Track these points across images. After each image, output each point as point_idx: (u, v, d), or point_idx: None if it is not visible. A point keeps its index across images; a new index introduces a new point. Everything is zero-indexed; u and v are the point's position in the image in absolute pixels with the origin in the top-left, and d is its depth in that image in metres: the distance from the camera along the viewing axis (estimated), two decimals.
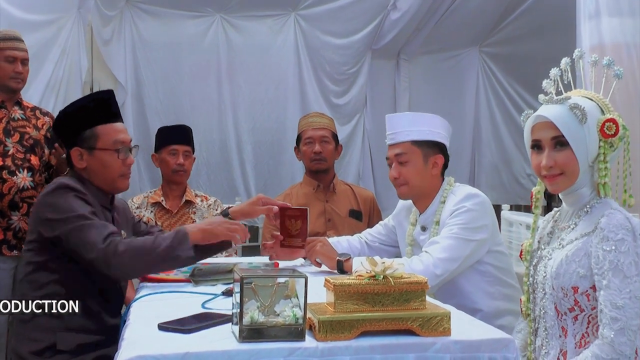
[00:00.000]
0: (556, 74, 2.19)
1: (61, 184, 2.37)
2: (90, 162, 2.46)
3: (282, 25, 5.29)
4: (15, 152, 3.38)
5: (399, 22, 5.24)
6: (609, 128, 2.03)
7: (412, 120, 2.82)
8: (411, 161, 2.76)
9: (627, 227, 1.96)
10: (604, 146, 2.04)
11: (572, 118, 2.05)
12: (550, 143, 2.08)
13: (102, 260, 2.22)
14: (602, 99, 2.09)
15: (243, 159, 5.21)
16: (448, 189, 2.79)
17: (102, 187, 2.50)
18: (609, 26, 3.74)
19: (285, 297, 1.67)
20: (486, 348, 1.69)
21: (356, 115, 5.47)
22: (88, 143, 2.46)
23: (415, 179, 2.76)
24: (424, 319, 1.69)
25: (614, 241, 1.95)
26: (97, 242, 2.23)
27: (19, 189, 3.34)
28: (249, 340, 1.62)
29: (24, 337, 2.33)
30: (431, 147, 2.79)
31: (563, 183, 2.11)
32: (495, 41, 5.78)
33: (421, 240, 2.81)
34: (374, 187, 5.40)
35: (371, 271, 1.74)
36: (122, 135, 2.52)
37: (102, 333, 2.35)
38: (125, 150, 2.51)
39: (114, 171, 2.48)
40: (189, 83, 5.13)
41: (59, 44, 4.40)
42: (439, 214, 2.75)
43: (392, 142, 2.80)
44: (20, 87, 3.48)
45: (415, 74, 5.68)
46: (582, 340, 2.02)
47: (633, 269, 1.93)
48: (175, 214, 3.81)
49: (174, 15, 5.07)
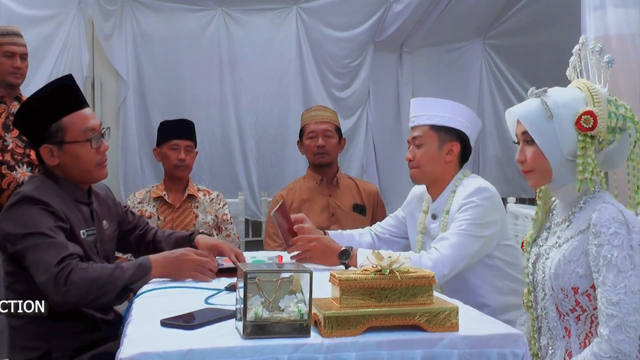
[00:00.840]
0: (574, 60, 2.16)
1: (25, 196, 2.23)
2: (62, 158, 2.33)
3: (283, 18, 5.26)
4: (15, 147, 3.38)
5: (402, 15, 5.20)
6: (585, 121, 1.98)
7: (434, 105, 2.84)
8: (426, 145, 2.78)
9: (620, 219, 1.92)
10: (584, 140, 2.00)
11: (542, 113, 2.02)
12: (522, 138, 2.08)
13: (52, 284, 2.09)
14: (594, 89, 2.03)
15: (246, 153, 5.19)
16: (461, 178, 2.79)
17: (78, 181, 2.39)
18: (614, 17, 3.71)
19: (289, 292, 1.65)
20: (495, 343, 1.67)
21: (359, 109, 5.44)
22: (56, 137, 2.32)
23: (427, 163, 2.77)
24: (431, 314, 1.67)
25: (607, 235, 1.91)
26: (50, 263, 2.11)
27: (18, 184, 3.33)
28: (253, 336, 1.60)
29: (17, 347, 2.29)
30: (449, 133, 2.79)
31: (537, 179, 2.10)
32: (498, 33, 5.74)
33: (432, 228, 2.81)
34: (378, 180, 5.38)
35: (377, 265, 1.71)
36: (92, 122, 2.37)
37: (96, 331, 2.30)
38: (97, 138, 2.36)
39: (89, 162, 2.36)
40: (191, 77, 5.11)
41: (59, 39, 4.38)
42: (449, 203, 2.74)
43: (412, 125, 2.84)
44: (19, 82, 3.48)
45: (418, 67, 5.64)
46: (587, 340, 2.00)
47: (627, 263, 1.89)
48: (178, 209, 3.80)
49: (175, 9, 5.04)
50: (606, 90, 2.05)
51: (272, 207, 3.86)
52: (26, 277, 2.22)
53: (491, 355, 1.64)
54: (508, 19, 5.62)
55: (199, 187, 3.99)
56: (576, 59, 2.15)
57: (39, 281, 2.14)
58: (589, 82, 2.08)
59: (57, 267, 2.10)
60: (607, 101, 2.02)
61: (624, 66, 3.60)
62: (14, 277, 2.29)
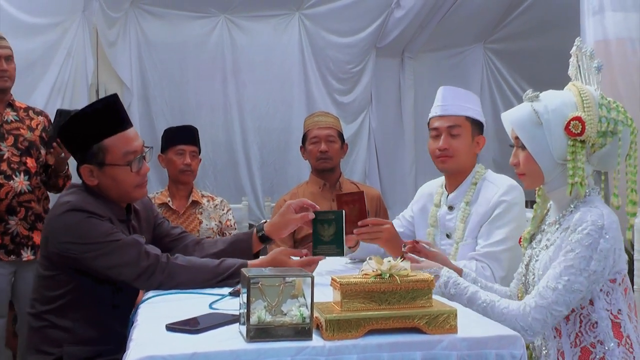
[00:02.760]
0: (573, 61, 2.20)
1: (74, 206, 2.25)
2: (101, 178, 2.32)
3: (286, 24, 5.30)
4: (11, 155, 3.36)
5: (403, 20, 5.23)
6: (574, 127, 2.02)
7: (467, 97, 2.87)
8: (462, 135, 2.80)
9: (598, 224, 1.97)
10: (574, 145, 2.03)
11: (532, 119, 2.07)
12: (516, 142, 2.13)
13: (147, 276, 2.23)
14: (585, 94, 2.06)
15: (249, 159, 5.22)
16: (481, 172, 2.83)
17: (116, 201, 2.38)
18: (613, 21, 3.73)
19: (292, 296, 1.67)
20: (493, 345, 1.69)
21: (362, 114, 5.47)
22: (97, 159, 2.30)
23: (462, 154, 2.79)
24: (430, 316, 1.69)
25: (581, 234, 1.98)
26: (135, 261, 2.22)
27: (16, 193, 3.32)
28: (257, 339, 1.63)
29: (32, 349, 2.32)
30: (478, 126, 2.84)
31: (529, 182, 2.16)
32: (499, 37, 5.76)
33: (447, 220, 2.83)
34: (380, 185, 5.40)
35: (377, 270, 1.74)
36: (134, 144, 2.34)
37: (110, 343, 2.31)
38: (138, 161, 2.34)
39: (128, 185, 2.34)
40: (195, 84, 5.14)
41: (64, 47, 4.42)
42: (470, 195, 2.78)
43: (445, 114, 2.81)
44: (7, 85, 3.41)
45: (420, 72, 5.67)
46: (577, 339, 2.04)
47: (584, 263, 1.96)
48: (182, 215, 3.82)
49: (178, 16, 5.08)
50: (599, 94, 2.08)
51: (276, 211, 3.89)
52: (61, 279, 2.28)
53: (489, 357, 1.66)
54: (509, 24, 5.63)
55: (203, 193, 4.02)
56: (574, 60, 2.19)
57: (129, 280, 2.25)
58: (582, 85, 2.11)
59: (145, 261, 2.23)
60: (599, 105, 2.05)
61: (623, 70, 3.62)
62: (46, 280, 2.32)
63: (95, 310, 2.31)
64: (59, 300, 2.29)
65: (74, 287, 2.29)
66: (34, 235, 3.39)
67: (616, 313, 2.03)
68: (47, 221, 2.36)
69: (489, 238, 2.67)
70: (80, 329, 2.29)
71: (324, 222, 2.56)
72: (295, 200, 2.62)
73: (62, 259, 2.26)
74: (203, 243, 2.66)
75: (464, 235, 2.75)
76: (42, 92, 4.24)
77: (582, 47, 2.16)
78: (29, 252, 3.38)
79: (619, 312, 2.03)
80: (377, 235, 2.66)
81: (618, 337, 2.01)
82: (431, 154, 2.86)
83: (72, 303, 2.28)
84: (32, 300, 2.37)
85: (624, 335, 2.02)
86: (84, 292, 2.29)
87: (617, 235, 2.00)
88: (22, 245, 3.37)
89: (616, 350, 2.00)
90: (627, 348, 2.00)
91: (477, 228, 2.73)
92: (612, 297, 2.03)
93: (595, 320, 2.03)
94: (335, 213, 2.57)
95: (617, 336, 2.01)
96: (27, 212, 3.36)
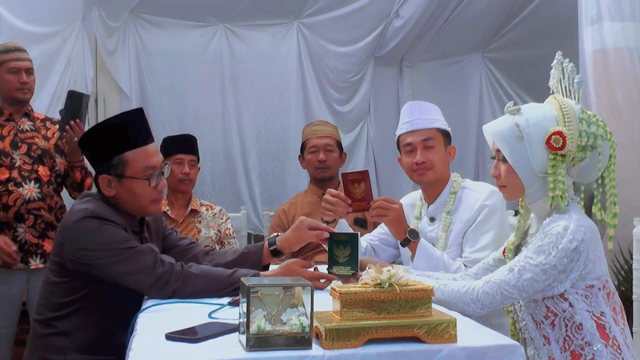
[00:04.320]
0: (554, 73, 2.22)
1: (91, 212, 2.26)
2: (119, 190, 2.34)
3: (285, 33, 5.31)
4: (22, 163, 3.36)
5: (402, 30, 5.25)
6: (555, 141, 2.05)
7: (432, 110, 2.91)
8: (437, 147, 2.84)
9: (564, 225, 2.02)
10: (554, 158, 2.05)
11: (513, 133, 2.10)
12: (497, 155, 2.16)
13: (161, 284, 2.22)
14: (566, 108, 2.08)
15: (248, 168, 5.22)
16: (458, 181, 2.86)
17: (131, 213, 2.40)
18: (610, 31, 3.75)
19: (291, 305, 1.67)
20: (492, 354, 1.69)
21: (360, 123, 5.48)
22: (116, 170, 2.32)
23: (439, 165, 2.82)
24: (430, 325, 1.70)
25: (549, 232, 2.03)
26: (150, 268, 2.22)
27: (24, 201, 3.32)
28: (256, 349, 1.63)
29: (36, 356, 2.32)
30: (447, 137, 2.89)
31: (510, 194, 2.21)
32: (498, 47, 5.78)
33: (429, 231, 2.85)
34: (378, 194, 5.40)
35: (377, 279, 1.74)
36: (154, 160, 2.36)
37: (114, 353, 2.29)
38: (157, 176, 2.36)
39: (145, 199, 2.36)
40: (193, 92, 5.15)
41: (64, 55, 4.45)
42: (450, 204, 2.80)
43: (416, 128, 2.84)
44: (27, 97, 3.47)
45: (418, 81, 5.68)
46: (565, 344, 2.07)
47: (542, 257, 2.01)
48: (181, 223, 3.82)
49: (177, 25, 5.09)
50: (579, 108, 2.10)
51: (275, 222, 3.90)
52: (71, 285, 2.29)
53: None
54: (507, 33, 5.66)
55: (201, 202, 4.02)
56: (555, 72, 2.21)
57: (144, 287, 2.24)
58: (563, 98, 2.14)
59: (161, 268, 2.23)
60: (579, 119, 2.07)
61: (621, 79, 3.64)
62: (55, 286, 2.33)
63: (102, 318, 2.31)
64: (68, 307, 2.29)
65: (84, 295, 2.29)
66: (45, 244, 3.38)
67: (599, 315, 2.06)
68: (62, 227, 2.36)
69: (476, 244, 2.70)
70: (86, 337, 2.29)
71: (340, 243, 2.55)
72: (309, 219, 2.63)
73: (76, 265, 2.26)
74: (212, 254, 2.67)
75: (446, 244, 2.78)
76: (42, 100, 4.26)
77: (562, 60, 2.18)
78: (37, 260, 3.37)
79: (602, 314, 2.06)
80: (385, 213, 2.70)
81: (604, 338, 2.04)
82: (407, 170, 2.88)
83: (80, 310, 2.29)
84: (40, 306, 2.37)
85: (610, 337, 2.04)
86: (93, 299, 2.30)
87: (590, 242, 2.03)
88: (31, 254, 3.36)
89: (604, 350, 2.02)
90: (615, 349, 2.03)
91: (460, 235, 2.76)
92: (592, 300, 2.06)
93: (580, 321, 2.05)
94: (351, 235, 2.56)
95: (603, 337, 2.04)
96: (36, 219, 3.36)
